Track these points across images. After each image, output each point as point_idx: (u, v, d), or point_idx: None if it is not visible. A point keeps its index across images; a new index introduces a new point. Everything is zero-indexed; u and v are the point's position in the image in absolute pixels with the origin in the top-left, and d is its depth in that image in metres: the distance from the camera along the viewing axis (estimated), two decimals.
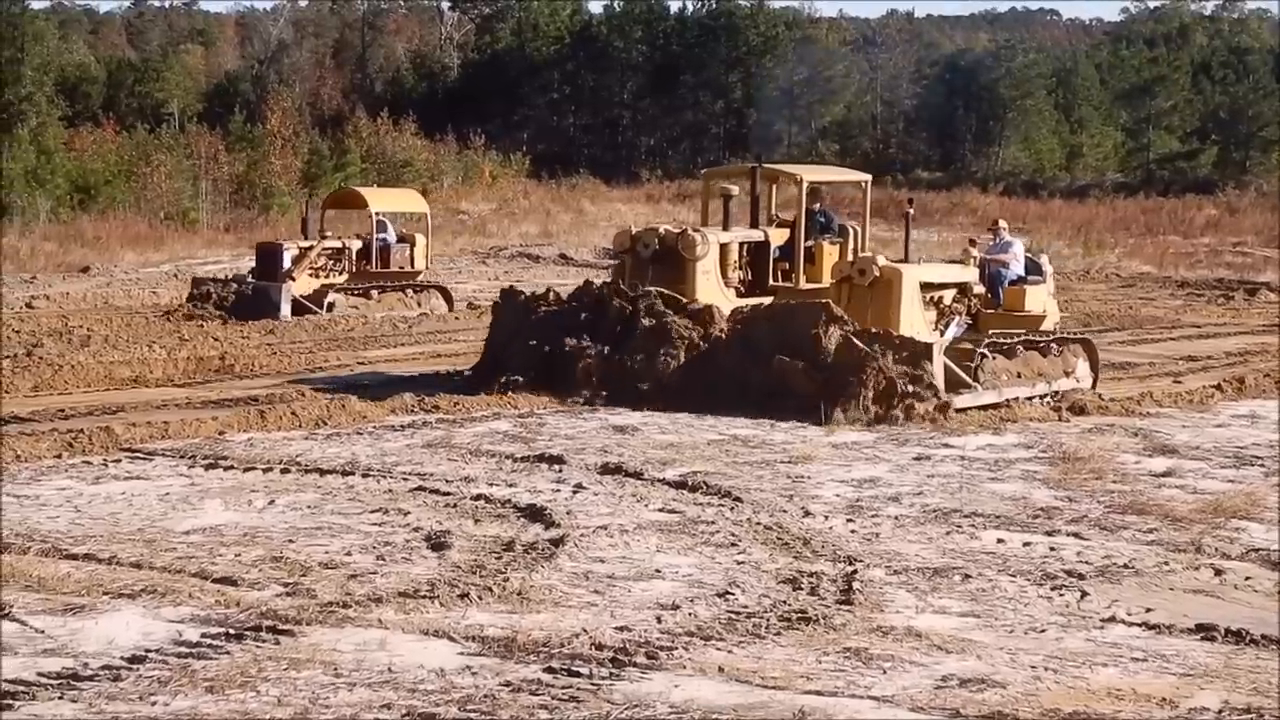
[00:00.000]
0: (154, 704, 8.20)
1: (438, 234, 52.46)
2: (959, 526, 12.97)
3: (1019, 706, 8.37)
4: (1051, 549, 12.20)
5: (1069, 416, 19.14)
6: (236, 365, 23.45)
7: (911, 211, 23.05)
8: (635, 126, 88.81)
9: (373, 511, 13.25)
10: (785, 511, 13.43)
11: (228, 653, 9.08)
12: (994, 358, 20.22)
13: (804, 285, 22.44)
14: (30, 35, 77.89)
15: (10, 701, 8.19)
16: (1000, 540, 12.47)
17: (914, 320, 20.13)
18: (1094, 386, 21.38)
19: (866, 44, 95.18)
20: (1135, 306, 35.41)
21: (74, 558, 11.40)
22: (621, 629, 9.70)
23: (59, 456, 15.71)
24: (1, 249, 42.79)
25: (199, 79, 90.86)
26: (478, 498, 13.78)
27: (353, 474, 14.89)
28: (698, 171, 76.01)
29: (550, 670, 8.81)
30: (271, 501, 13.64)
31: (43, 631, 9.47)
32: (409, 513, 13.18)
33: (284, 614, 9.86)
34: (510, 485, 14.47)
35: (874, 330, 19.25)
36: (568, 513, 13.16)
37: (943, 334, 20.71)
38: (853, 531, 12.75)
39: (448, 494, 13.94)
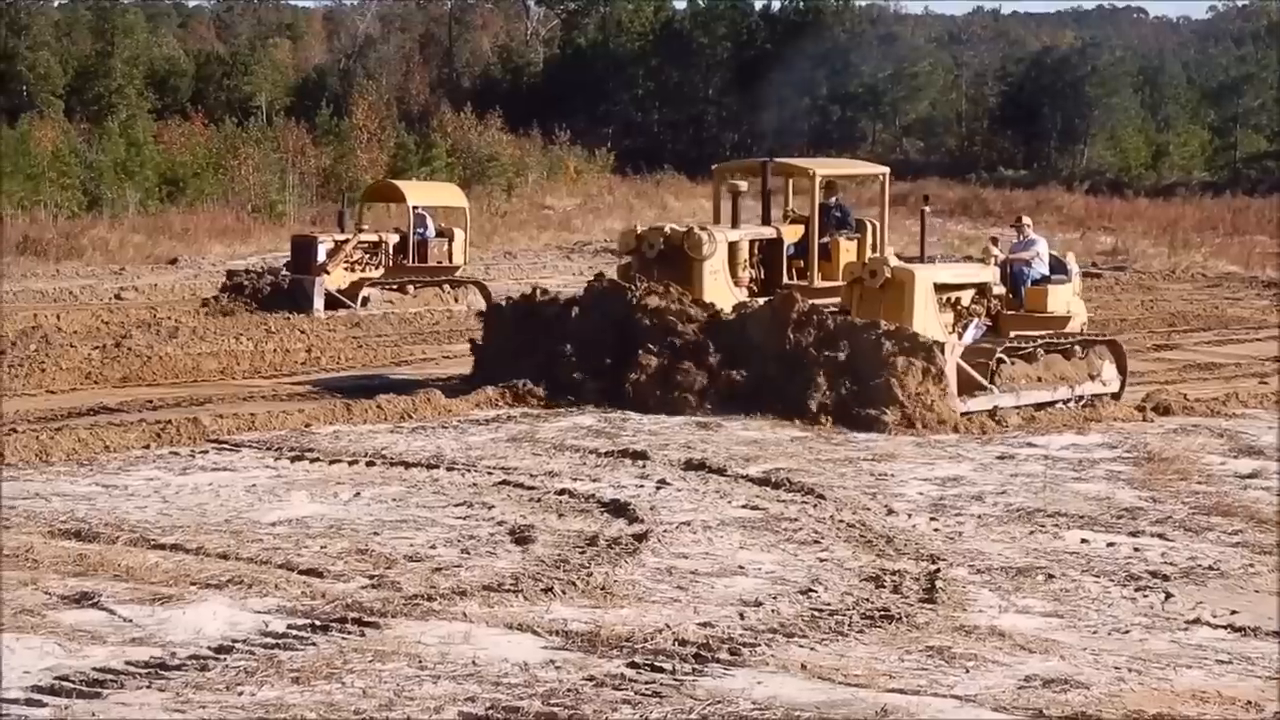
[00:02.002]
0: (240, 694, 8.27)
1: (523, 229, 52.76)
2: (1042, 526, 12.92)
3: (1102, 708, 8.34)
4: (1136, 550, 12.14)
5: (1154, 417, 19.01)
6: (322, 358, 23.62)
7: (928, 209, 22.03)
8: (719, 123, 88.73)
9: (457, 505, 13.33)
10: (868, 509, 13.42)
11: (313, 644, 9.15)
12: (1012, 362, 19.69)
13: (819, 284, 21.99)
14: (120, 29, 78.78)
15: (99, 689, 8.28)
16: (1084, 540, 12.42)
17: (928, 322, 19.45)
18: (1121, 390, 20.73)
19: (952, 41, 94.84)
20: (1221, 307, 35.08)
21: (162, 548, 11.53)
22: (704, 625, 9.72)
23: (147, 447, 15.90)
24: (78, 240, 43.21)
25: (286, 73, 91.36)
26: (561, 492, 13.83)
27: (437, 467, 14.97)
28: None
29: (633, 665, 8.83)
30: (357, 494, 13.74)
31: (131, 620, 9.57)
32: (493, 507, 13.24)
33: (369, 606, 9.94)
34: (594, 480, 14.52)
35: (886, 325, 18.73)
36: (651, 508, 13.19)
37: (960, 336, 20.04)
38: (936, 530, 12.72)
39: (532, 488, 14.00)
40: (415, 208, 32.93)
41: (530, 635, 9.42)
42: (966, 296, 20.51)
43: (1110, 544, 12.30)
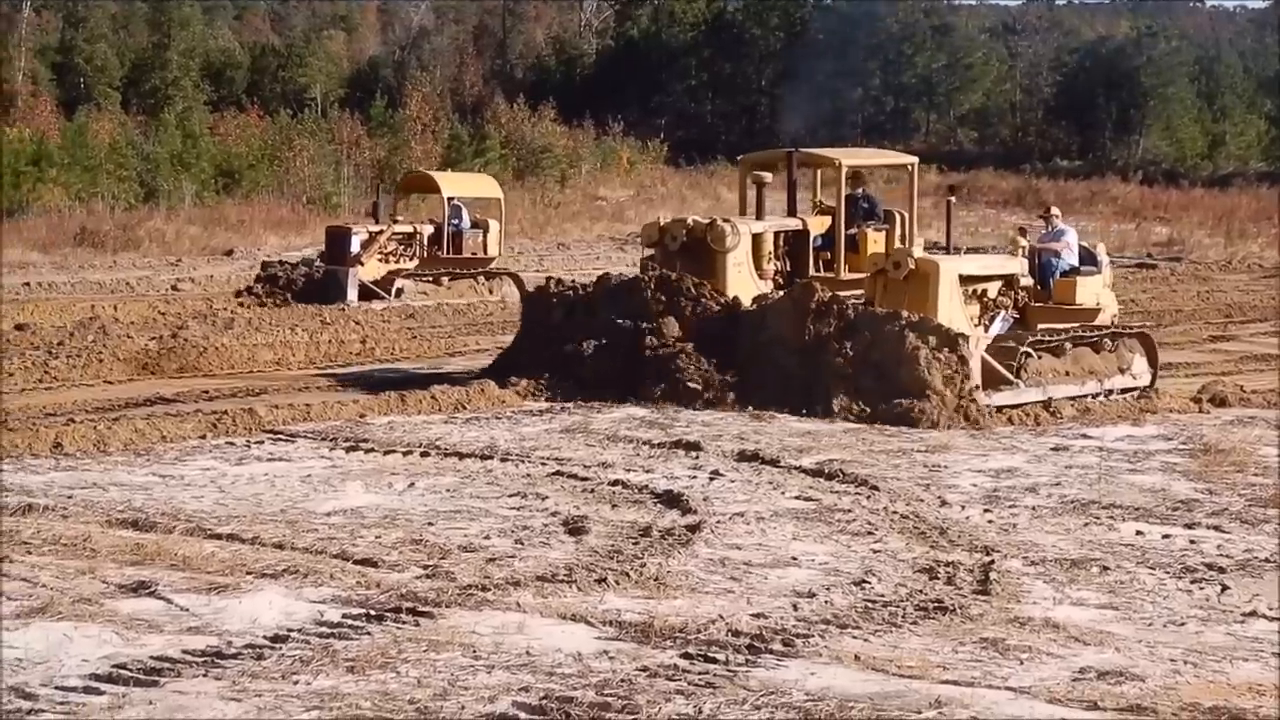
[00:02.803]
0: (296, 683, 8.31)
1: (576, 220, 52.85)
2: (1097, 518, 12.87)
3: (1158, 700, 8.30)
4: (1191, 542, 12.07)
5: (1210, 408, 18.91)
6: (376, 349, 23.69)
7: (954, 199, 21.22)
8: (772, 114, 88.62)
9: (511, 495, 13.35)
10: (922, 500, 13.39)
11: (368, 633, 9.18)
12: (1039, 355, 19.23)
13: (846, 276, 21.59)
14: (176, 22, 79.22)
15: (156, 677, 8.33)
16: (1139, 532, 12.35)
17: (953, 315, 19.01)
18: (1152, 384, 20.26)
19: (1006, 31, 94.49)
20: (1278, 297, 34.89)
21: (218, 537, 11.58)
22: (758, 616, 9.70)
23: (203, 437, 16.00)
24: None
25: (341, 65, 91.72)
26: (615, 483, 13.84)
27: (491, 458, 15.01)
28: None
29: (687, 656, 8.83)
30: (411, 484, 13.78)
31: (187, 610, 9.63)
32: (547, 497, 13.26)
33: (423, 596, 9.96)
34: (647, 471, 14.52)
35: (908, 316, 18.37)
36: (704, 499, 13.19)
37: (987, 329, 19.65)
38: (990, 521, 12.69)
39: (585, 479, 14.02)
40: (450, 199, 32.83)
41: (584, 625, 9.43)
42: (993, 288, 20.13)
43: (1166, 536, 12.24)
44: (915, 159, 24.22)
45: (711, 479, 14.16)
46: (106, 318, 26.22)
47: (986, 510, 13.09)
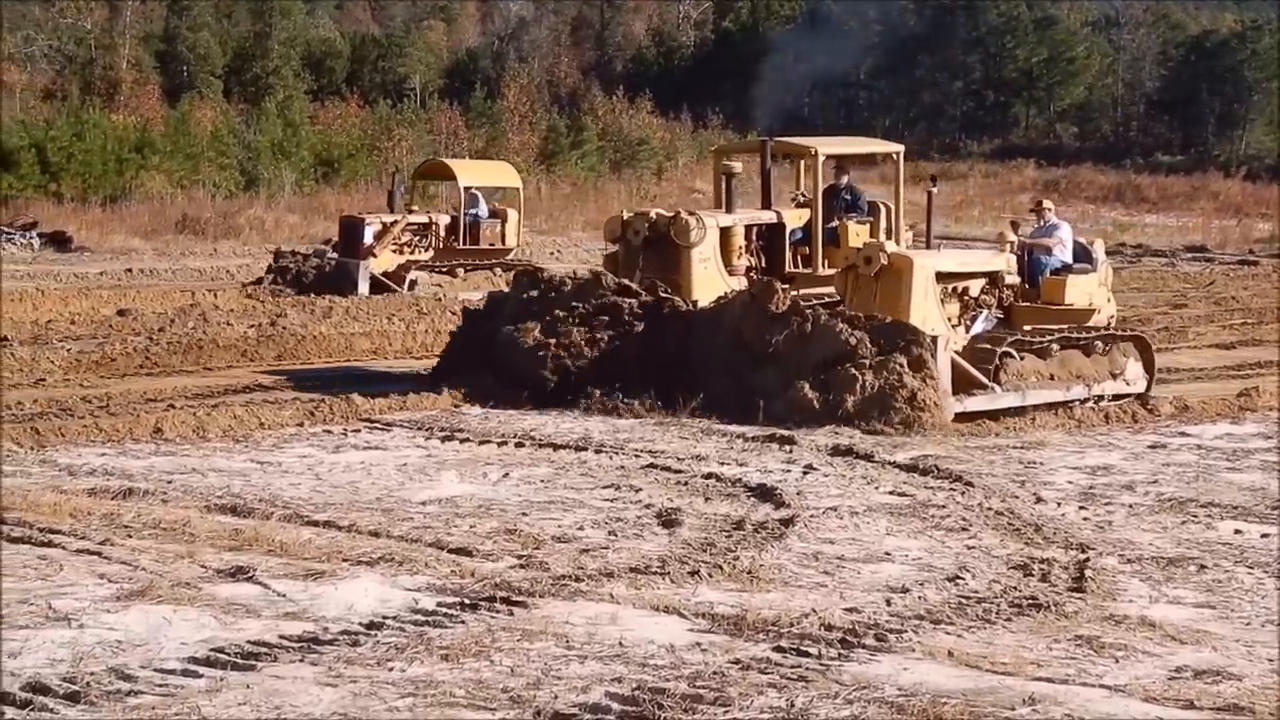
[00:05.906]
0: (391, 669, 8.36)
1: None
2: (1195, 516, 12.76)
3: (1255, 700, 8.23)
4: None
5: None
6: None
7: (934, 190, 19.36)
8: (870, 107, 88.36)
9: (605, 487, 13.39)
10: (1017, 497, 13.32)
11: (462, 622, 9.23)
12: (1021, 357, 18.02)
13: (824, 271, 20.66)
14: (278, 10, 79.84)
15: (253, 662, 8.41)
16: (1237, 531, 12.24)
17: (927, 314, 17.83)
18: (1147, 390, 19.09)
19: (1109, 25, 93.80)
20: None
21: (315, 524, 11.67)
22: (850, 610, 9.69)
23: (301, 425, 16.14)
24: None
25: (440, 55, 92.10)
26: (708, 476, 13.85)
27: (585, 449, 15.05)
28: (933, 154, 75.53)
29: (779, 649, 8.83)
30: (506, 474, 13.84)
31: (284, 595, 9.71)
32: (640, 489, 13.28)
33: (517, 586, 10.00)
34: (741, 464, 14.52)
35: (860, 316, 17.31)
36: (798, 493, 13.18)
37: (968, 329, 18.62)
38: (1085, 519, 12.61)
39: (679, 472, 14.03)
40: (467, 188, 32.41)
41: (676, 617, 9.44)
42: (975, 286, 18.95)
43: (1264, 535, 12.12)
44: (900, 147, 23.18)
45: (805, 473, 14.14)
46: (206, 304, 26.46)
47: (1082, 507, 13.01)
